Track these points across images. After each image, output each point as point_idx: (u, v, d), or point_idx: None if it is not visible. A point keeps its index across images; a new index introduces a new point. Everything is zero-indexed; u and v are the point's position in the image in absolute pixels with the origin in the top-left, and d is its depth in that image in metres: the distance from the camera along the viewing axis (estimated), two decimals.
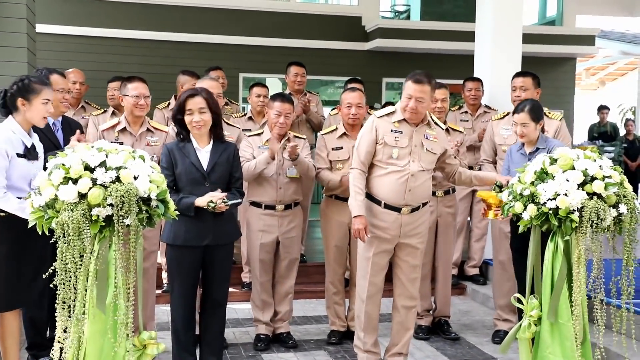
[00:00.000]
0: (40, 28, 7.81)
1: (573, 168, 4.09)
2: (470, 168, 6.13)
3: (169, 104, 6.69)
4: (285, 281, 5.53)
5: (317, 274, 6.63)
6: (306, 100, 6.97)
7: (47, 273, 3.39)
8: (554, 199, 4.03)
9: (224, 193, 4.35)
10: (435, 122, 4.85)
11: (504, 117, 5.95)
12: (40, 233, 3.48)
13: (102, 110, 6.64)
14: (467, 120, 7.23)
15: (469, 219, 7.50)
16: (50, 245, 3.45)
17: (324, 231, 5.64)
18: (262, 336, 5.50)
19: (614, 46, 17.45)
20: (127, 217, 3.34)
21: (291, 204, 5.39)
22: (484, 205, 4.96)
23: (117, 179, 3.37)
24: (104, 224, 3.37)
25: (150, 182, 3.45)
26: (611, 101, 17.47)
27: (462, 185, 5.73)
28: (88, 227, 3.32)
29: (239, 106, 7.61)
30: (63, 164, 3.40)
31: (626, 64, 20.28)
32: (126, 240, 3.44)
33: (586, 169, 4.05)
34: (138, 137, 5.17)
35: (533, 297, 4.28)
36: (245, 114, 7.04)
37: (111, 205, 3.32)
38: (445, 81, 6.46)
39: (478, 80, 7.45)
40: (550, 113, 5.90)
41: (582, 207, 3.97)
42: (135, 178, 3.41)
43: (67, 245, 3.31)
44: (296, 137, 5.49)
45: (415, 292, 4.89)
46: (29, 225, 3.54)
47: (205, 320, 4.62)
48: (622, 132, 13.75)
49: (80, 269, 3.35)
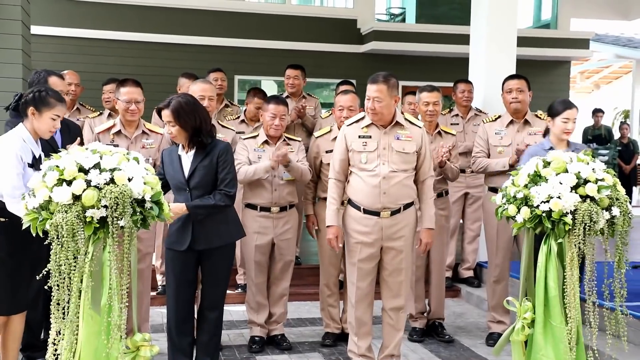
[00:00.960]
0: (35, 30, 7.81)
1: (566, 171, 4.10)
2: (462, 171, 6.14)
3: None
4: (280, 283, 5.53)
5: (311, 276, 6.62)
6: (300, 107, 6.95)
7: (41, 274, 3.38)
8: (547, 201, 4.03)
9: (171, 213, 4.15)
10: (409, 121, 4.81)
11: (496, 119, 5.96)
12: (34, 235, 3.49)
13: (98, 112, 6.61)
14: (458, 124, 7.21)
15: (461, 221, 7.51)
16: (45, 247, 3.44)
17: (319, 233, 5.63)
18: (256, 338, 5.50)
19: (608, 49, 17.49)
20: (121, 218, 3.34)
21: (286, 206, 5.40)
22: None
23: (112, 180, 3.38)
24: (98, 225, 3.37)
25: (144, 183, 3.45)
26: (605, 104, 17.53)
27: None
28: (82, 229, 3.32)
29: (239, 108, 7.59)
30: (57, 166, 3.40)
31: (620, 67, 20.35)
32: (120, 242, 3.44)
33: (579, 172, 4.06)
34: (133, 139, 5.16)
35: (526, 299, 4.28)
36: (238, 117, 7.02)
37: (105, 206, 3.33)
38: (440, 84, 6.49)
39: (470, 82, 7.45)
40: (542, 115, 5.90)
41: (575, 210, 3.97)
42: (129, 180, 3.41)
43: (61, 246, 3.32)
44: (291, 139, 5.51)
45: (403, 294, 4.85)
46: (24, 227, 3.54)
47: (201, 322, 4.61)
48: (617, 135, 13.78)
49: (74, 270, 3.35)
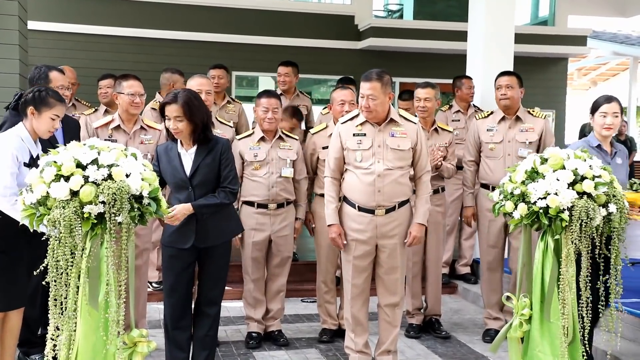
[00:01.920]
0: (32, 25, 7.79)
1: (563, 167, 4.11)
2: (459, 168, 6.14)
3: (159, 102, 6.68)
4: (277, 279, 5.54)
5: (308, 272, 6.62)
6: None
7: (38, 270, 3.38)
8: (545, 198, 4.04)
9: (178, 214, 4.25)
10: (404, 117, 4.80)
11: (488, 116, 5.97)
12: (32, 231, 3.49)
13: (94, 109, 6.58)
14: (459, 120, 7.21)
15: (460, 218, 7.52)
16: (44, 243, 3.44)
17: (316, 230, 5.64)
18: (253, 334, 5.51)
19: (605, 46, 17.51)
20: (119, 214, 3.34)
21: (284, 202, 5.40)
22: None
23: (109, 176, 3.37)
24: (95, 221, 3.37)
25: (142, 179, 3.45)
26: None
27: None
28: (80, 225, 3.32)
29: (241, 104, 7.57)
30: (55, 162, 3.40)
31: (618, 64, 20.39)
32: (118, 238, 3.44)
33: (576, 169, 4.07)
34: (132, 134, 5.17)
35: (524, 296, 4.29)
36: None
37: (103, 202, 3.33)
38: (437, 80, 6.48)
39: (470, 78, 7.47)
40: (534, 111, 5.92)
41: (572, 207, 3.98)
42: (127, 176, 3.41)
43: (59, 242, 3.31)
44: (288, 136, 5.50)
45: (398, 290, 4.85)
46: (20, 223, 3.55)
47: (198, 318, 4.60)
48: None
49: (71, 266, 3.34)
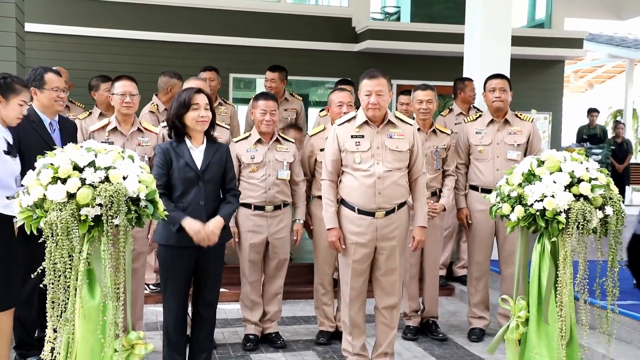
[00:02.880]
0: (29, 27, 7.79)
1: (560, 170, 4.12)
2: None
3: (157, 105, 6.67)
4: (274, 281, 5.55)
5: (306, 274, 6.62)
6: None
7: (36, 273, 3.36)
8: (541, 200, 4.05)
9: (215, 230, 4.34)
10: (400, 119, 4.79)
11: (477, 118, 5.99)
12: (28, 233, 3.49)
13: (88, 112, 6.54)
14: (461, 122, 7.18)
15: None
16: (42, 245, 3.43)
17: (314, 232, 5.64)
18: (251, 336, 5.51)
19: (602, 49, 17.54)
20: (116, 217, 3.33)
21: (280, 204, 5.40)
22: None
23: (106, 179, 3.36)
24: (92, 223, 3.36)
25: (139, 182, 3.44)
26: (599, 104, 17.59)
27: None
28: (77, 227, 3.31)
29: (233, 107, 7.56)
30: (52, 164, 3.39)
31: (614, 66, 20.42)
32: (115, 241, 3.44)
33: (573, 171, 4.07)
34: (129, 136, 5.18)
35: (521, 298, 4.30)
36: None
37: (100, 205, 3.32)
38: (434, 83, 6.48)
39: (471, 81, 7.46)
40: (521, 114, 5.93)
41: (568, 209, 3.99)
42: (124, 178, 3.40)
43: (56, 245, 3.30)
44: (285, 139, 5.50)
45: (396, 292, 4.84)
46: (17, 225, 3.54)
47: (195, 321, 4.61)
48: (611, 134, 13.84)
49: (69, 269, 3.34)
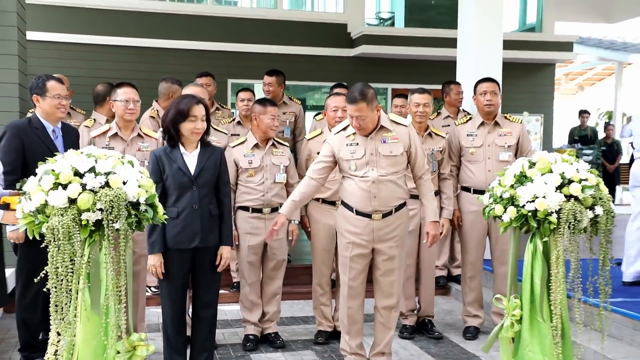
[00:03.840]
0: (31, 35, 7.79)
1: (551, 171, 4.13)
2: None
3: (158, 111, 6.67)
4: (273, 282, 5.54)
5: (304, 275, 6.62)
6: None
7: (39, 277, 3.35)
8: (533, 201, 4.05)
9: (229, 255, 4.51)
10: (395, 122, 4.78)
11: (467, 121, 6.02)
12: (31, 238, 3.49)
13: (93, 119, 6.57)
14: (450, 125, 7.17)
15: None
16: (44, 250, 3.43)
17: (312, 233, 5.64)
18: (250, 336, 5.50)
19: (591, 52, 17.61)
20: (117, 221, 3.33)
21: (277, 207, 5.38)
22: None
23: (107, 184, 3.36)
24: (93, 228, 3.37)
25: (139, 186, 3.44)
26: (589, 105, 17.64)
27: None
28: (78, 232, 3.31)
29: (230, 111, 7.58)
30: (53, 170, 3.39)
31: (604, 69, 20.51)
32: (116, 244, 3.44)
33: (563, 172, 4.08)
34: (129, 142, 5.16)
35: (514, 297, 4.30)
36: (234, 119, 6.99)
37: (101, 210, 3.32)
38: (429, 86, 6.49)
39: (459, 84, 7.48)
40: (510, 116, 5.95)
41: (559, 209, 4.00)
42: (124, 183, 3.40)
43: (58, 249, 3.30)
44: (280, 143, 5.51)
45: (395, 293, 4.84)
46: (20, 230, 3.55)
47: (195, 322, 4.61)
48: (602, 135, 13.86)
49: (71, 273, 3.33)
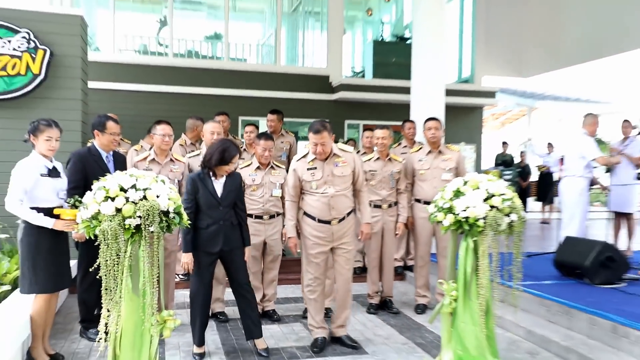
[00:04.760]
0: (90, 85, 7.77)
1: (479, 188, 4.14)
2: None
3: (186, 140, 6.67)
4: (271, 271, 5.50)
5: (294, 266, 6.58)
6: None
7: (93, 267, 3.37)
8: (466, 210, 4.07)
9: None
10: (343, 150, 4.73)
11: (419, 150, 6.03)
12: (87, 238, 3.49)
13: (140, 146, 6.57)
14: (406, 153, 7.19)
15: None
16: (97, 247, 3.42)
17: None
18: None
19: (510, 99, 17.77)
20: (152, 225, 3.33)
21: (274, 214, 5.37)
22: None
23: (144, 197, 3.35)
24: (134, 230, 3.35)
25: (168, 199, 3.43)
26: (509, 138, 17.75)
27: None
28: (122, 233, 3.30)
29: (240, 140, 7.56)
30: (104, 186, 3.38)
31: (519, 111, 20.65)
32: (151, 243, 3.43)
33: (488, 189, 4.10)
34: (164, 165, 5.16)
35: (452, 281, 4.31)
36: (242, 147, 6.97)
37: (139, 217, 3.31)
38: (390, 122, 6.50)
39: (414, 121, 7.50)
40: (450, 146, 5.99)
41: (485, 216, 4.01)
42: (157, 196, 3.39)
43: (107, 247, 3.30)
44: (277, 166, 5.48)
45: (349, 280, 4.79)
46: (80, 232, 3.54)
47: (239, 298, 4.55)
48: (518, 159, 13.93)
49: (117, 264, 3.33)
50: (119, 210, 3.32)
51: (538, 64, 14.42)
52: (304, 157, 4.70)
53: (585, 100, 18.66)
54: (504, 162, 13.49)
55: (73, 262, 5.83)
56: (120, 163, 4.94)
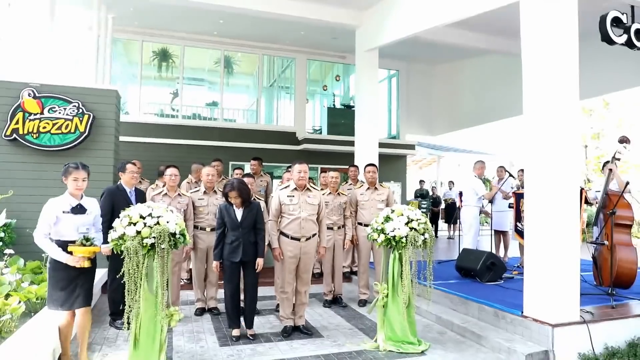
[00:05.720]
0: (121, 138, 7.64)
1: (402, 214, 4.21)
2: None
3: (191, 180, 6.58)
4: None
5: (269, 272, 6.37)
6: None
7: (119, 274, 3.32)
8: (393, 231, 4.13)
9: (261, 263, 4.34)
10: (313, 187, 4.71)
11: (360, 187, 6.04)
12: (115, 253, 3.38)
13: (155, 184, 6.46)
14: (351, 189, 7.23)
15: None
16: (122, 259, 3.32)
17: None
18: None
19: (424, 150, 18.17)
20: (163, 243, 3.29)
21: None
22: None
23: (158, 222, 3.31)
24: (150, 247, 3.31)
25: (176, 224, 3.40)
26: (425, 177, 18.09)
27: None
28: (141, 250, 3.25)
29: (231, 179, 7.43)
30: (128, 215, 3.33)
31: (431, 159, 21.11)
32: (162, 256, 3.37)
33: (409, 215, 4.18)
34: (173, 198, 5.07)
35: (384, 282, 4.33)
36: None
37: (154, 237, 3.27)
38: (341, 166, 6.53)
39: (357, 166, 7.57)
40: (383, 184, 6.01)
41: (407, 235, 4.08)
42: (167, 222, 3.35)
43: (130, 259, 3.25)
44: (259, 199, 5.38)
45: (308, 283, 4.70)
46: (109, 248, 3.47)
47: (246, 293, 4.44)
48: (431, 193, 14.17)
49: (137, 272, 3.27)
50: (138, 232, 3.28)
51: (443, 126, 14.89)
52: (286, 187, 4.66)
53: (476, 152, 19.25)
54: (421, 195, 13.69)
55: (103, 271, 5.63)
56: (140, 196, 4.85)
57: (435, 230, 12.97)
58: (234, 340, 4.36)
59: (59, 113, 6.41)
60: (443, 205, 13.75)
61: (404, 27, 7.73)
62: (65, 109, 6.45)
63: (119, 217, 3.39)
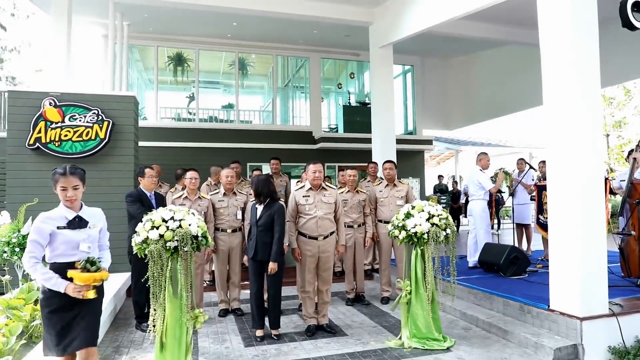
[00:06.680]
0: (140, 143, 7.74)
1: (423, 210, 4.18)
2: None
3: (211, 182, 6.64)
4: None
5: (291, 272, 6.41)
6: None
7: (144, 278, 3.32)
8: (414, 227, 4.09)
9: (275, 267, 4.23)
10: (329, 186, 4.69)
11: (379, 184, 6.00)
12: (139, 257, 3.41)
13: (175, 188, 6.53)
14: (369, 187, 7.19)
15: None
16: (147, 263, 3.35)
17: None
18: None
19: (442, 145, 17.98)
20: (185, 246, 3.31)
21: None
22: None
23: (180, 225, 3.34)
24: (173, 250, 3.33)
25: (198, 227, 3.42)
26: (444, 172, 17.92)
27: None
28: (164, 253, 3.27)
29: (249, 181, 7.52)
30: (150, 219, 3.36)
31: (449, 153, 20.90)
32: (185, 259, 3.39)
33: (429, 211, 4.14)
34: (193, 201, 5.11)
35: (407, 279, 4.30)
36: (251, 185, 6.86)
37: (177, 240, 3.29)
38: (358, 164, 6.51)
39: (376, 163, 7.54)
40: (402, 180, 5.97)
41: (428, 231, 4.04)
42: (189, 225, 3.38)
43: (154, 262, 3.27)
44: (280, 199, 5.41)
45: (329, 281, 4.67)
46: (132, 253, 3.48)
47: (268, 294, 4.44)
48: (450, 187, 14.03)
49: (161, 275, 3.29)
50: (161, 236, 3.30)
51: (460, 119, 14.72)
52: (302, 187, 4.66)
53: (495, 144, 18.98)
54: (440, 190, 13.57)
55: (126, 275, 5.72)
56: (160, 200, 4.89)
57: (457, 226, 12.84)
58: (258, 340, 4.38)
59: (80, 121, 6.53)
60: (463, 200, 13.59)
61: (418, 21, 7.65)
62: (85, 116, 6.56)
63: (141, 222, 3.43)
